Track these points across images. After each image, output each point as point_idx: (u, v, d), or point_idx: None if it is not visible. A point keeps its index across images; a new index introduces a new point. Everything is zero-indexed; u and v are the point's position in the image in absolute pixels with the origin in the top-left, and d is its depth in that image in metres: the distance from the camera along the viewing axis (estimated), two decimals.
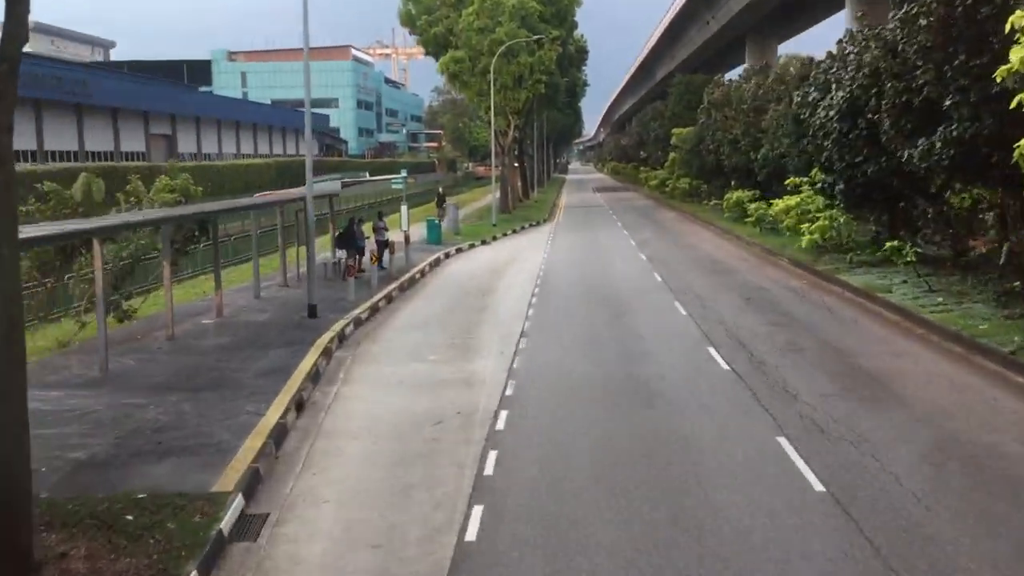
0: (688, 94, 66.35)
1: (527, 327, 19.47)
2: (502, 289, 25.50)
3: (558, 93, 59.97)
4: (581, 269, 29.38)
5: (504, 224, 46.96)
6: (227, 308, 21.44)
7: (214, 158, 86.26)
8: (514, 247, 37.63)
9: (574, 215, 57.29)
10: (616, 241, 38.69)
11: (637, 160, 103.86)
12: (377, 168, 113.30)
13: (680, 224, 47.30)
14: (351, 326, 19.73)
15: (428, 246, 36.80)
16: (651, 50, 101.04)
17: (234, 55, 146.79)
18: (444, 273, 29.68)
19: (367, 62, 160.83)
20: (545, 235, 43.06)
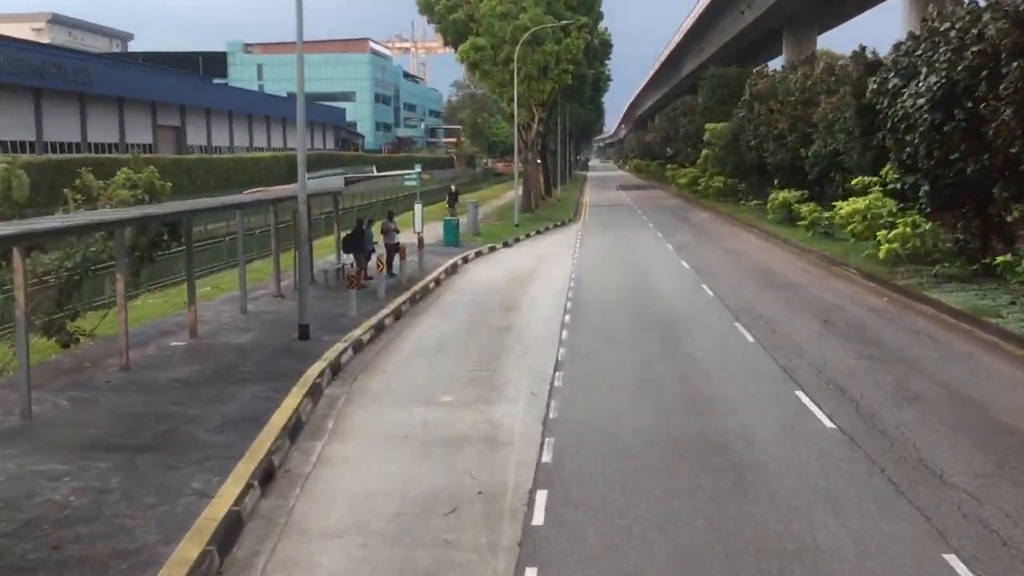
0: (721, 88, 62.66)
1: (562, 356, 16.01)
2: (528, 303, 22.02)
3: (584, 85, 56.39)
4: (617, 279, 25.88)
5: (527, 224, 43.49)
6: (205, 326, 18.08)
7: (225, 151, 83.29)
8: (539, 251, 34.17)
9: (601, 215, 53.73)
10: (651, 245, 35.15)
11: (663, 157, 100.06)
12: (393, 163, 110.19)
13: (718, 226, 43.66)
14: (349, 351, 16.31)
15: (444, 248, 33.39)
16: (678, 44, 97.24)
17: (250, 47, 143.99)
18: (462, 282, 26.24)
19: (385, 55, 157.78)
20: (572, 237, 39.55)
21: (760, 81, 42.26)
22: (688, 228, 42.52)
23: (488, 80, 46.83)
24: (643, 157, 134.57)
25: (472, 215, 38.19)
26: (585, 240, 37.76)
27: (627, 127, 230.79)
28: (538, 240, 38.78)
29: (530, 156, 49.52)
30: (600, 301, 21.85)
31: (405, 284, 24.24)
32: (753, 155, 43.86)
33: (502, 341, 17.52)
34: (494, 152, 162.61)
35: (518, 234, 39.50)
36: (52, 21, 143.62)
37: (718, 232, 40.14)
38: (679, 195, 72.80)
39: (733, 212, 48.53)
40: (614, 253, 32.93)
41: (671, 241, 36.15)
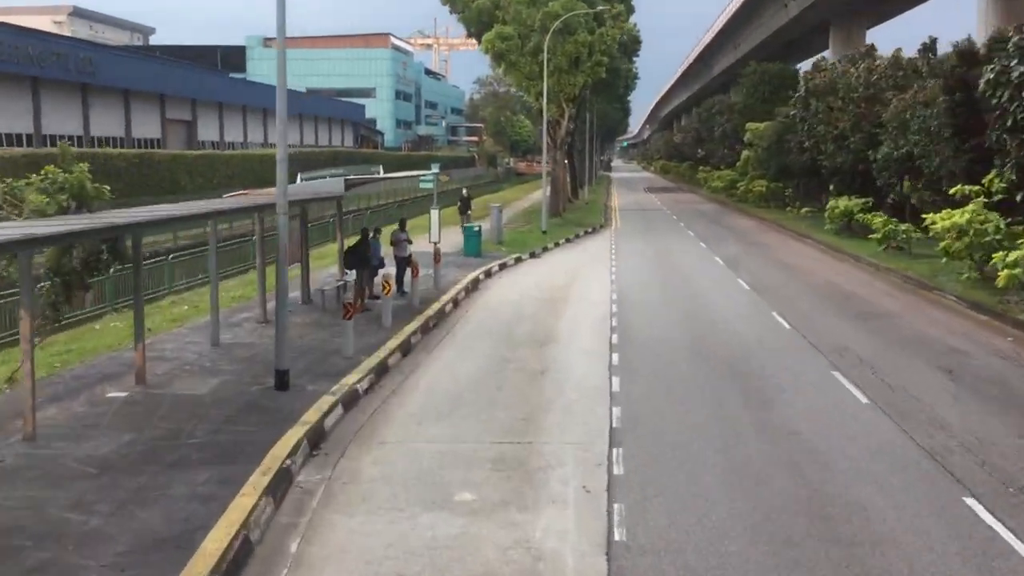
0: (763, 85, 58.48)
1: (617, 419, 12.13)
2: (566, 335, 18.12)
3: (618, 79, 52.41)
4: (667, 302, 21.95)
5: (555, 231, 39.58)
6: (162, 365, 14.32)
7: (238, 147, 79.90)
8: (571, 263, 30.28)
9: (633, 220, 49.71)
10: (696, 257, 31.17)
11: (693, 158, 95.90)
12: (413, 162, 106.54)
13: (765, 235, 39.55)
14: (338, 408, 12.49)
15: (464, 260, 29.56)
16: (711, 40, 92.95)
17: (269, 41, 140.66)
18: (483, 303, 22.34)
19: (406, 51, 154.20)
20: (605, 246, 35.61)
21: (818, 76, 38.12)
22: (733, 237, 38.44)
23: (514, 73, 42.94)
24: (670, 158, 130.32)
25: (495, 221, 34.31)
26: (621, 250, 33.82)
27: (651, 128, 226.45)
28: (568, 250, 34.87)
29: (558, 156, 45.60)
30: (652, 336, 17.89)
31: (417, 307, 20.40)
32: (805, 157, 39.70)
33: (537, 392, 13.63)
34: (516, 151, 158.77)
35: (546, 242, 35.60)
36: (73, 14, 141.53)
37: (769, 243, 36.03)
38: (713, 199, 68.61)
39: (780, 220, 44.41)
40: (656, 267, 28.98)
41: (718, 253, 32.15)
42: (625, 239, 38.44)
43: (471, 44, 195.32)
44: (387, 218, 47.80)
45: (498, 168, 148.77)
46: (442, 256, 25.85)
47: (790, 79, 58.83)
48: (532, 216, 48.12)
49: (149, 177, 41.34)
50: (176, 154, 46.80)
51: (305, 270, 20.77)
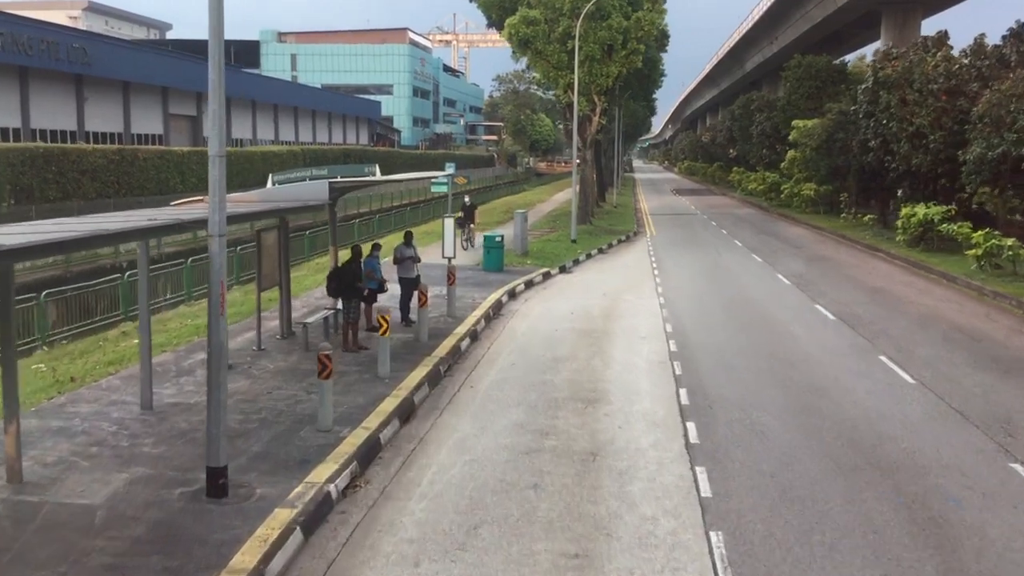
0: (808, 79, 53.78)
1: (721, 562, 7.76)
2: (618, 389, 13.74)
3: (655, 71, 47.91)
4: (739, 338, 17.52)
5: (586, 240, 35.19)
6: (61, 446, 10.13)
7: (247, 144, 76.02)
8: (608, 280, 25.91)
9: (668, 226, 45.21)
10: (755, 276, 26.71)
11: (724, 159, 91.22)
12: (430, 161, 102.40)
13: (825, 247, 34.93)
14: (295, 535, 8.19)
15: (484, 276, 25.26)
16: (745, 34, 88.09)
17: (284, 36, 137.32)
18: (508, 336, 17.98)
19: (425, 47, 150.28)
20: (643, 258, 31.23)
21: (889, 65, 33.48)
22: (789, 249, 33.91)
23: (540, 63, 38.54)
24: (696, 159, 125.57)
25: (519, 229, 29.92)
26: (663, 264, 29.42)
27: (673, 127, 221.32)
28: (603, 263, 30.48)
29: (588, 155, 41.16)
30: (736, 395, 13.47)
31: (426, 343, 16.11)
32: (870, 157, 35.06)
33: (591, 498, 9.28)
34: (536, 151, 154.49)
35: (576, 253, 31.24)
36: (88, 9, 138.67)
37: (834, 257, 31.41)
38: (749, 202, 63.99)
39: (838, 228, 39.83)
40: (710, 287, 24.55)
41: (779, 269, 27.72)
42: (664, 250, 34.00)
43: (490, 41, 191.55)
44: (399, 223, 43.53)
45: (518, 168, 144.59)
46: (458, 272, 21.58)
47: (837, 73, 54.24)
48: (558, 221, 43.75)
49: (131, 176, 37.23)
50: (164, 151, 42.63)
51: (285, 294, 16.50)
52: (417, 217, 45.13)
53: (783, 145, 57.19)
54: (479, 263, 27.23)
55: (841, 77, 54.09)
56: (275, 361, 14.60)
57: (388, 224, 43.81)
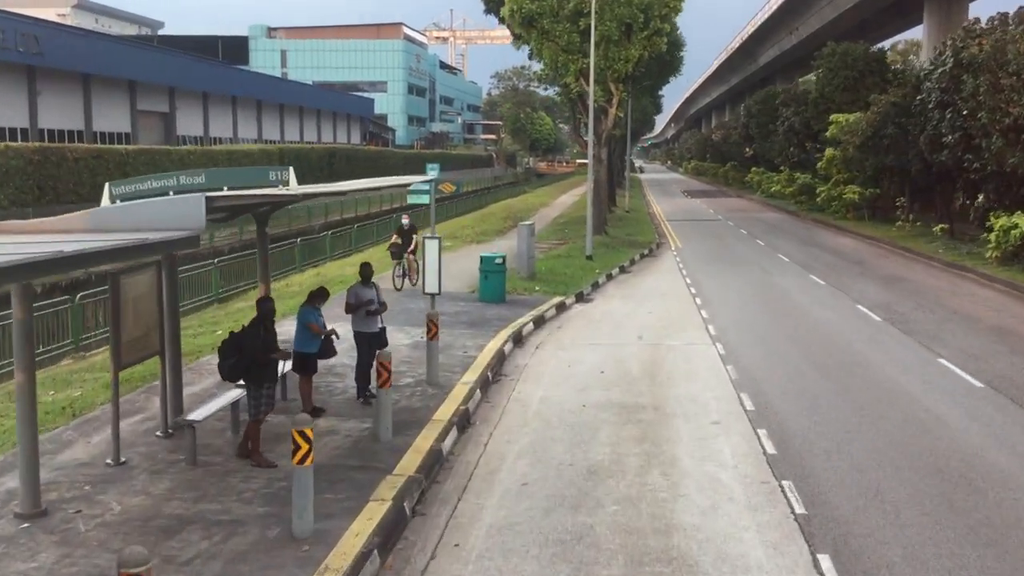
0: (843, 69, 47.96)
1: None
2: (708, 559, 7.93)
3: (676, 56, 42.11)
4: (856, 421, 11.72)
5: (603, 255, 29.40)
6: None
7: (225, 142, 70.18)
8: (640, 313, 20.10)
9: (692, 235, 39.41)
10: (829, 307, 20.90)
11: (738, 158, 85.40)
12: (424, 160, 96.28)
13: (889, 263, 29.06)
14: None
15: (480, 309, 19.50)
16: (760, 25, 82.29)
17: (274, 31, 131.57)
18: (513, 426, 12.06)
19: (420, 43, 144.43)
20: (676, 279, 25.49)
21: (974, 43, 27.56)
22: (850, 266, 28.10)
23: (548, 46, 32.72)
24: (704, 158, 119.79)
25: (524, 245, 24.03)
26: (702, 287, 23.66)
27: (676, 126, 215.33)
28: (627, 286, 24.67)
29: (603, 154, 35.32)
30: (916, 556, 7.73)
31: (387, 446, 10.33)
32: (945, 156, 29.22)
33: None
34: (536, 150, 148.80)
35: (594, 273, 25.46)
36: (77, 6, 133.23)
37: (913, 278, 25.43)
38: (772, 206, 58.22)
39: (895, 239, 34.03)
40: (776, 325, 18.76)
41: (852, 295, 21.97)
42: (698, 266, 28.22)
43: (488, 37, 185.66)
44: (383, 234, 37.64)
45: (518, 168, 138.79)
46: (448, 306, 15.90)
47: (876, 62, 48.45)
48: (567, 230, 37.96)
49: (58, 180, 31.44)
50: (102, 149, 36.67)
51: (171, 369, 10.63)
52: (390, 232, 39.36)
53: (814, 143, 51.44)
54: (474, 290, 21.47)
55: (880, 66, 48.31)
56: (131, 492, 8.80)
57: (369, 236, 37.95)
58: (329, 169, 61.17)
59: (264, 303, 10.02)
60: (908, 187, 39.06)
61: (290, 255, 27.86)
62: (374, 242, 37.17)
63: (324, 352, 11.66)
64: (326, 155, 60.51)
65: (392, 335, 16.57)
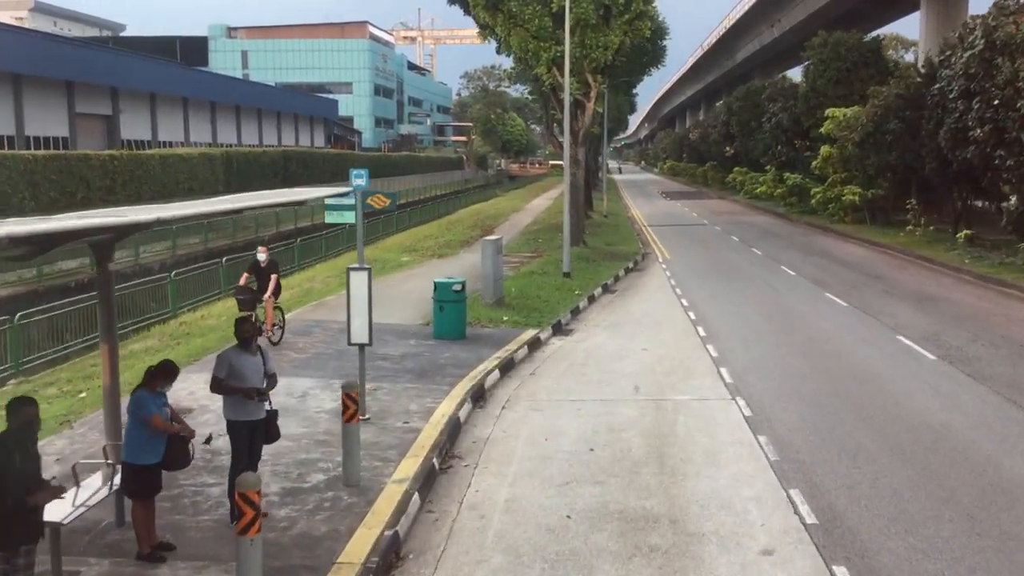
0: (835, 61, 44.42)
1: None
2: None
3: (659, 46, 38.33)
4: (978, 552, 7.91)
5: (583, 270, 25.45)
6: None
7: (177, 147, 65.53)
8: (633, 351, 16.13)
9: (679, 243, 35.60)
10: (865, 339, 17.04)
11: (718, 158, 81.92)
12: (391, 163, 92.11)
13: (912, 276, 25.31)
14: None
15: (433, 351, 15.47)
16: (738, 20, 78.85)
17: (234, 31, 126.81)
18: (465, 559, 8.10)
19: (387, 42, 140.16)
20: (670, 301, 21.62)
21: (1009, 21, 23.83)
22: (868, 281, 24.32)
23: (517, 33, 28.73)
24: (680, 158, 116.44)
25: (490, 265, 19.94)
26: (703, 312, 19.79)
27: (650, 126, 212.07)
28: (614, 312, 20.72)
29: (580, 155, 31.37)
30: None
31: None
32: (971, 153, 25.57)
33: None
34: (508, 152, 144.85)
35: (574, 296, 21.49)
36: (35, 9, 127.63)
37: (950, 296, 21.53)
38: (758, 208, 54.66)
39: (908, 246, 30.35)
40: (805, 365, 14.87)
41: (884, 320, 18.21)
42: (694, 283, 24.37)
43: (458, 37, 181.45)
44: (310, 255, 33.50)
45: (488, 170, 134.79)
46: (393, 344, 11.94)
47: (871, 53, 44.97)
48: (540, 239, 34.04)
49: None
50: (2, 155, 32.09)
51: None
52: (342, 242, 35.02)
53: (804, 140, 47.90)
54: (428, 321, 17.47)
55: (876, 57, 44.83)
56: None
57: (316, 251, 33.73)
58: (284, 174, 56.81)
59: (19, 408, 5.95)
60: (915, 187, 35.46)
61: (214, 276, 23.68)
62: (320, 258, 33.03)
63: (171, 461, 7.61)
64: (280, 159, 56.10)
65: (314, 396, 12.59)
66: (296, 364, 14.44)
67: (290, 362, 14.49)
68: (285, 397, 12.14)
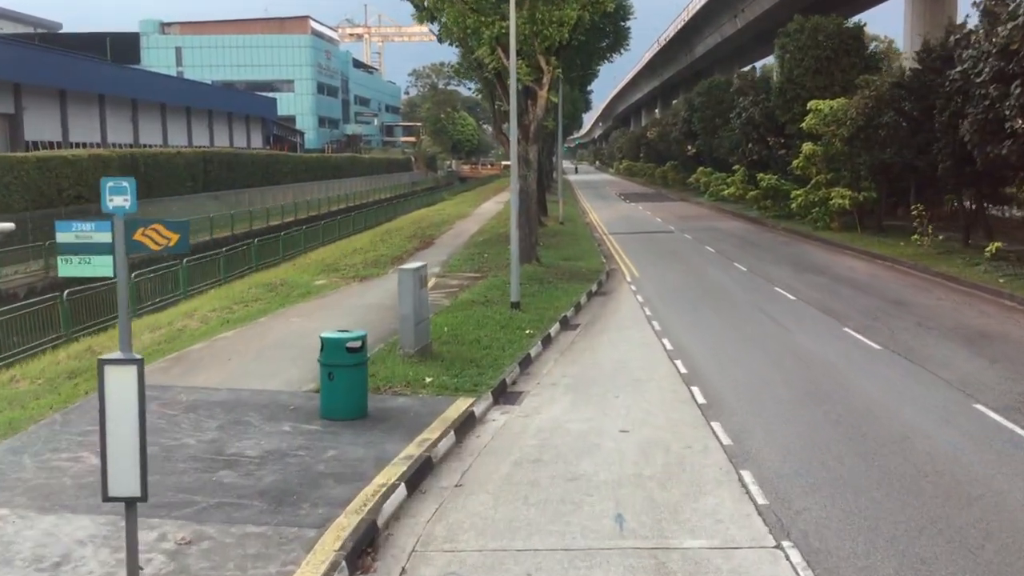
0: (815, 48, 40.00)
1: None
2: None
3: (622, 28, 33.49)
4: None
5: (536, 296, 20.35)
6: None
7: (92, 148, 59.24)
8: (609, 437, 11.08)
9: (647, 256, 30.79)
10: (937, 409, 12.19)
11: (679, 157, 77.58)
12: (333, 165, 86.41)
13: (948, 303, 20.56)
14: None
15: (313, 442, 10.20)
16: (697, 12, 74.44)
17: (168, 27, 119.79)
18: None
19: (331, 38, 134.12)
20: (649, 344, 16.69)
21: None
22: (890, 307, 19.57)
23: (451, 10, 23.58)
24: (637, 158, 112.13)
25: (410, 302, 14.61)
26: (695, 360, 14.91)
27: (604, 125, 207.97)
28: (577, 362, 15.65)
29: (531, 154, 26.18)
30: None
31: None
32: (1007, 149, 21.00)
33: None
34: (459, 152, 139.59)
35: (524, 338, 16.36)
36: None
37: (1010, 333, 17.03)
38: (726, 211, 50.23)
39: (920, 259, 25.77)
40: (873, 467, 10.00)
41: (941, 372, 13.49)
42: (672, 313, 19.50)
43: (406, 35, 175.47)
44: (233, 268, 28.03)
45: (438, 171, 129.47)
46: (258, 427, 6.69)
47: (853, 40, 40.67)
48: (486, 253, 28.99)
49: None
50: None
51: None
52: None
53: (779, 137, 43.49)
54: (317, 387, 12.24)
55: (858, 44, 40.55)
56: None
57: (241, 263, 28.19)
58: (204, 178, 51.04)
59: None
60: (913, 189, 31.09)
61: (52, 316, 18.23)
62: (243, 271, 27.64)
63: None
64: (198, 161, 50.26)
65: (79, 562, 7.32)
66: (70, 487, 9.17)
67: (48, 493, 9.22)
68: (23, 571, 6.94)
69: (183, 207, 43.57)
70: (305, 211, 53.60)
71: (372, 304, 18.78)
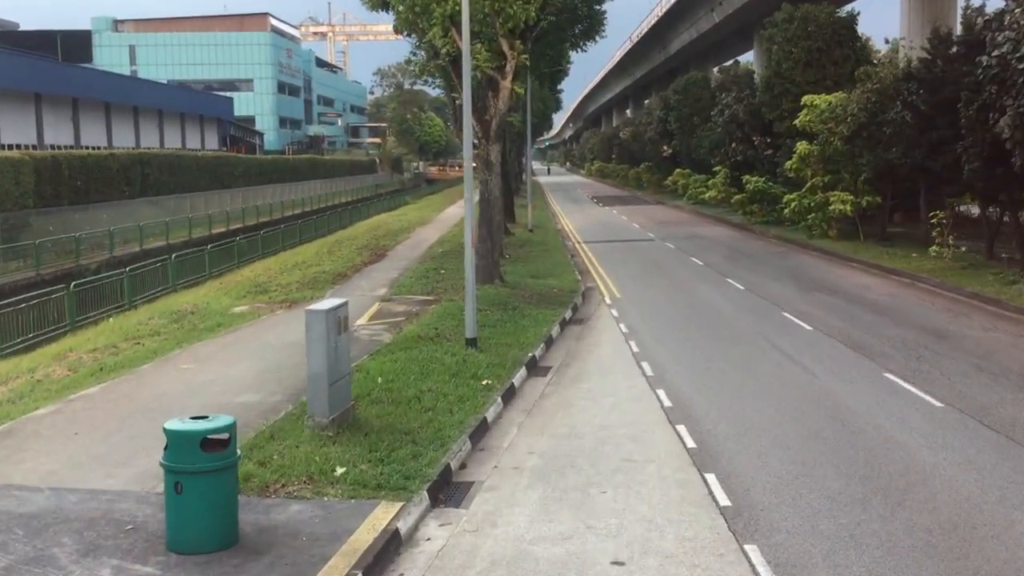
0: (805, 40, 36.61)
1: None
2: None
3: (596, 12, 29.84)
4: None
5: (499, 330, 16.53)
6: None
7: (30, 149, 54.66)
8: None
9: (628, 270, 27.14)
10: None
11: (654, 158, 74.16)
12: (292, 168, 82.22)
13: (994, 335, 16.97)
14: None
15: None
16: (672, 6, 71.06)
17: (121, 24, 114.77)
18: None
19: (292, 36, 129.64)
20: (642, 397, 13.01)
21: None
22: (941, 347, 15.86)
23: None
24: (609, 159, 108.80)
25: (322, 357, 10.79)
26: (706, 435, 11.28)
27: (574, 126, 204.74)
28: (547, 435, 11.88)
29: (493, 155, 22.33)
30: None
31: None
32: None
33: None
34: (425, 154, 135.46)
35: (479, 393, 12.57)
36: None
37: None
38: (707, 216, 46.85)
39: (938, 275, 22.32)
40: None
41: None
42: (665, 351, 15.85)
43: (372, 33, 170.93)
44: (182, 277, 24.06)
45: (405, 173, 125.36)
46: None
47: (846, 30, 37.34)
48: (444, 268, 25.18)
49: None
50: None
51: None
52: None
53: (766, 136, 40.10)
54: (162, 502, 8.33)
55: (851, 34, 37.24)
56: None
57: (187, 273, 24.13)
58: (142, 182, 46.77)
59: None
60: (923, 193, 27.74)
61: None
62: (156, 294, 23.66)
63: None
64: (134, 164, 45.97)
65: None
66: None
67: None
68: None
69: (114, 214, 39.39)
70: (255, 217, 49.49)
71: (292, 342, 14.93)
